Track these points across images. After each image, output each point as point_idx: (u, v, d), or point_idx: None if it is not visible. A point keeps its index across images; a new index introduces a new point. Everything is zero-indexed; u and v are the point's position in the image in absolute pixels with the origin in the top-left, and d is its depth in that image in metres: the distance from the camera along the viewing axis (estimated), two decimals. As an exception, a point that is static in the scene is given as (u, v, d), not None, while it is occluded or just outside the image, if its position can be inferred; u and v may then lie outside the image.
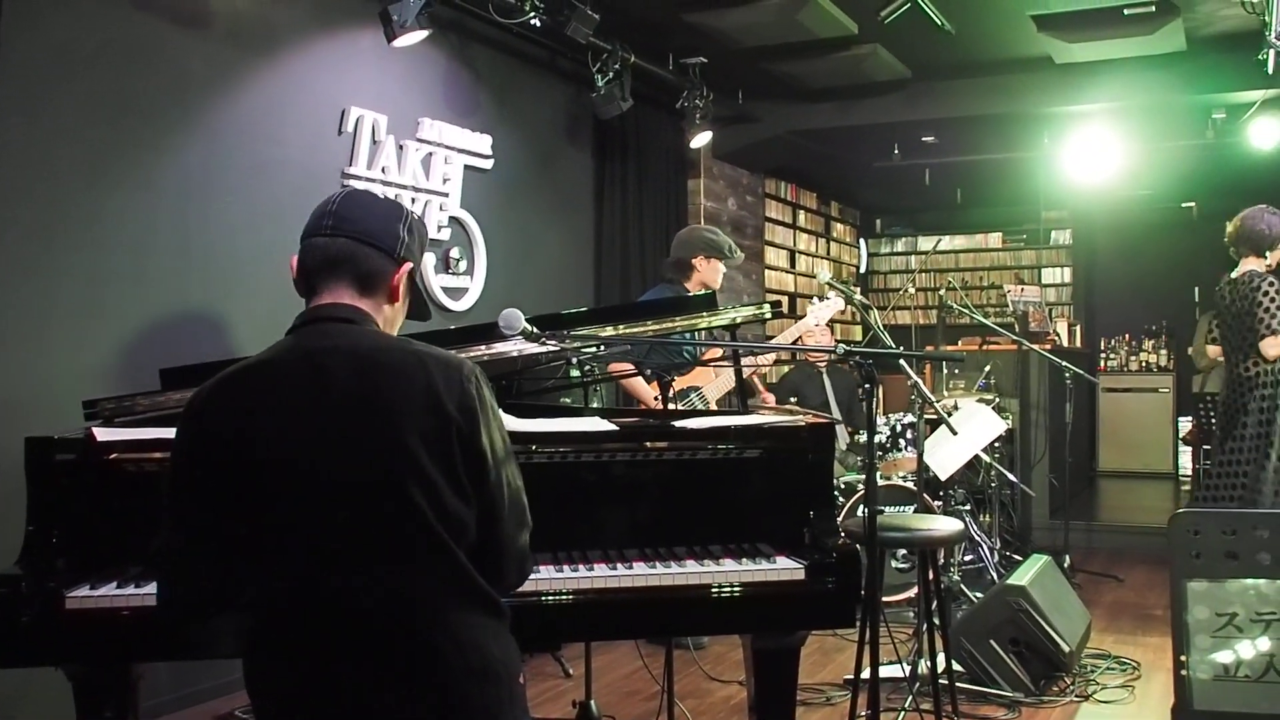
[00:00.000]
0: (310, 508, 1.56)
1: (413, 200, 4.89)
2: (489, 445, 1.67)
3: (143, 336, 3.75)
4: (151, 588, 2.13)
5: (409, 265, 1.76)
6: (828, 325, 5.90)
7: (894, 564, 5.06)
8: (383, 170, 4.69)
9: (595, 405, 3.92)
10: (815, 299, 4.48)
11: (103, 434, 2.28)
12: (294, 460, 1.57)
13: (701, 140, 6.54)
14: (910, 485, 5.03)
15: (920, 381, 3.31)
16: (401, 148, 4.81)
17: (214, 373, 1.67)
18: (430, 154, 4.97)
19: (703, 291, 4.38)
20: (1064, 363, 5.77)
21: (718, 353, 4.33)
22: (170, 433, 1.64)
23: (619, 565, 2.33)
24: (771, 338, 6.84)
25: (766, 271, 8.53)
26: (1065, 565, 5.59)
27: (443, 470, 1.60)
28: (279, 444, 1.57)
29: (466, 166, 5.21)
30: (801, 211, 9.33)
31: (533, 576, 2.21)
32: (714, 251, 4.47)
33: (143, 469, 2.27)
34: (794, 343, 4.62)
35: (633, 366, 3.88)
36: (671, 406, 3.09)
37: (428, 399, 1.61)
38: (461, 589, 1.61)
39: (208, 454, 1.59)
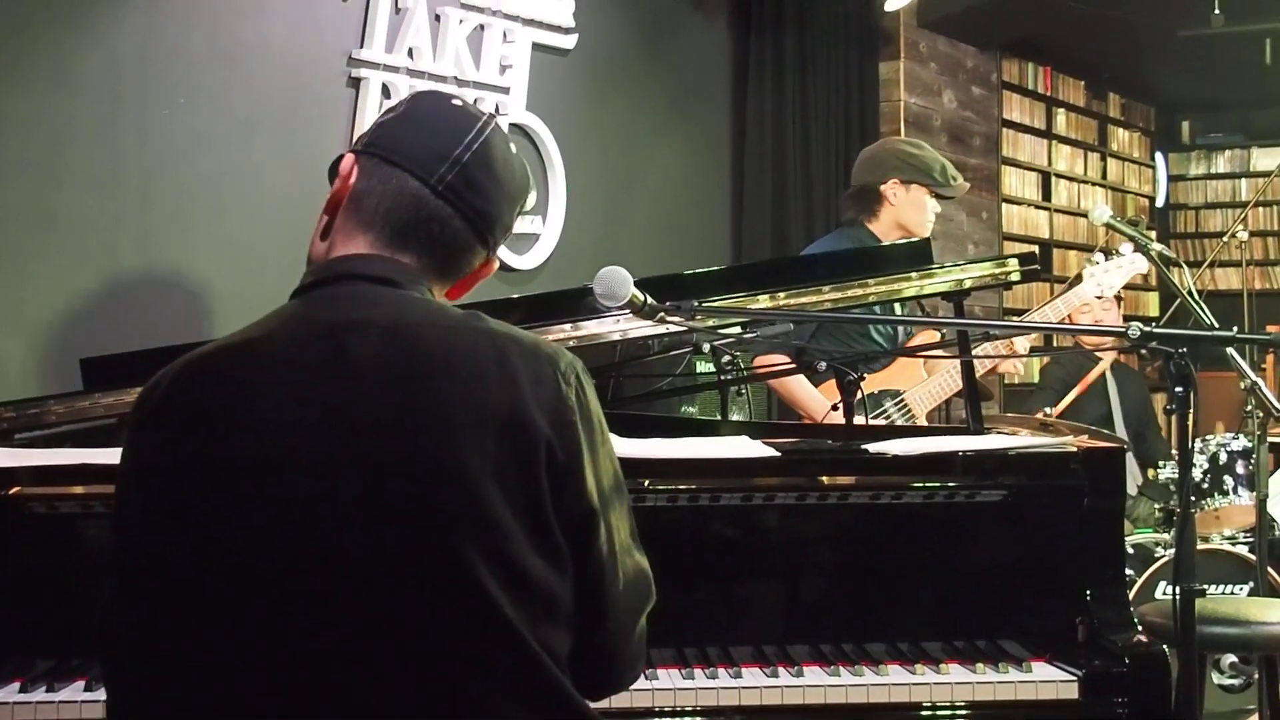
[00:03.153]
0: (315, 577, 1.59)
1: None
2: (596, 485, 1.68)
3: (56, 309, 3.86)
4: (70, 693, 2.19)
5: (496, 263, 1.87)
6: (1112, 295, 5.76)
7: (1218, 678, 4.95)
8: (409, 53, 4.75)
9: (738, 418, 3.91)
10: (1098, 254, 4.36)
11: None
12: (296, 498, 1.59)
13: (901, 0, 6.41)
14: (1244, 552, 4.91)
15: (1260, 382, 3.24)
16: (439, 18, 4.87)
17: (161, 365, 1.69)
18: (482, 27, 5.03)
19: (905, 239, 4.32)
20: None
21: (932, 337, 4.27)
22: (99, 455, 1.69)
23: (781, 670, 2.34)
24: (1022, 314, 6.73)
25: (1006, 207, 8.44)
26: None
27: (527, 524, 1.61)
28: (274, 471, 1.60)
29: (537, 46, 5.25)
30: (1061, 111, 9.21)
31: (646, 687, 2.25)
32: (916, 174, 4.39)
33: (57, 509, 2.33)
34: (1062, 322, 4.51)
35: (790, 359, 3.85)
36: (860, 419, 3.07)
37: (508, 407, 1.62)
38: (543, 708, 1.63)
39: (167, 481, 1.62)
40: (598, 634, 1.70)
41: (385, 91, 4.64)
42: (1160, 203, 10.77)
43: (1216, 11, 7.64)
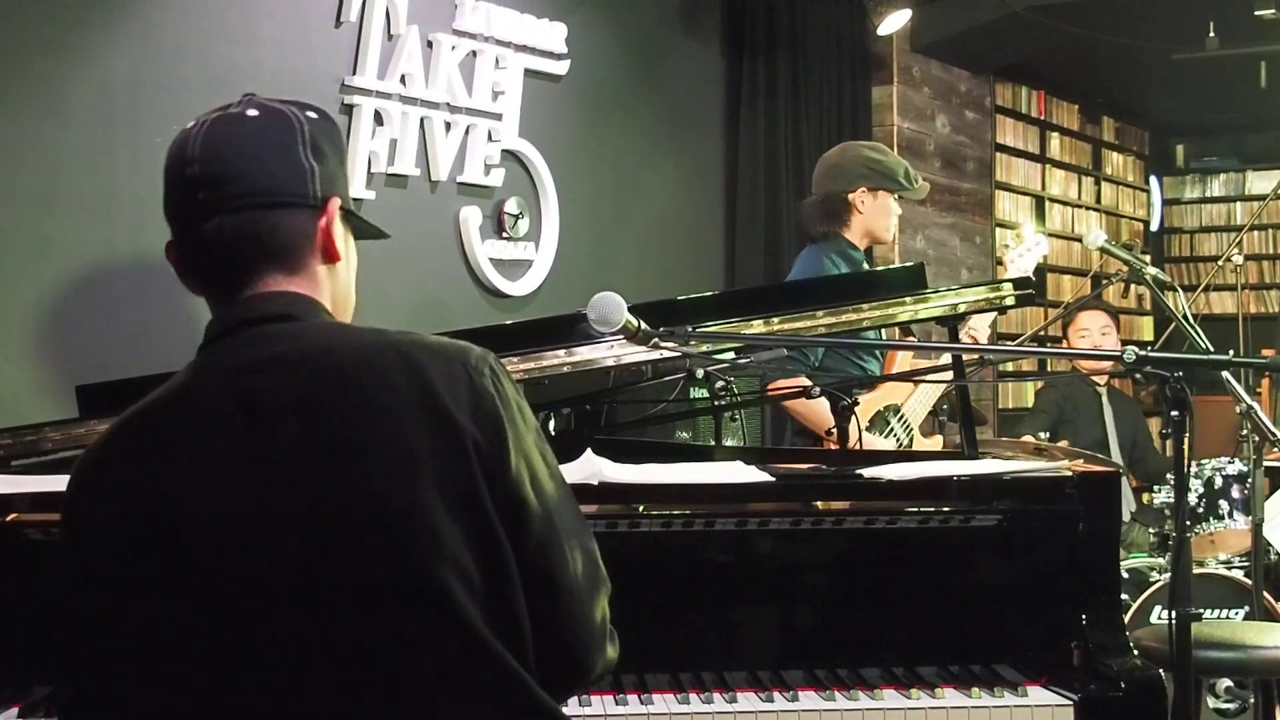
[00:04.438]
0: (273, 615, 1.58)
1: (448, 126, 4.97)
2: (526, 466, 1.68)
3: (51, 336, 3.88)
4: (68, 718, 2.22)
5: (336, 200, 1.77)
6: (1111, 319, 5.77)
7: (1214, 702, 4.95)
8: (402, 80, 4.78)
9: (732, 443, 3.92)
10: (1010, 239, 4.39)
11: (-4, 484, 2.36)
12: (229, 550, 1.59)
13: (894, 24, 6.42)
14: (1240, 576, 4.92)
15: (1256, 406, 3.24)
16: (431, 45, 4.90)
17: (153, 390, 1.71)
18: (475, 53, 5.05)
19: (863, 246, 4.34)
20: None
21: (901, 362, 4.28)
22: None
23: (776, 695, 2.33)
24: (1016, 339, 6.75)
25: (999, 231, 8.44)
26: None
27: (469, 524, 1.61)
28: (204, 526, 1.59)
29: (529, 72, 5.27)
30: (1055, 135, 9.22)
31: (642, 711, 2.25)
32: (883, 181, 4.36)
33: (53, 536, 2.30)
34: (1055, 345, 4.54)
35: (797, 382, 3.84)
36: (855, 439, 3.09)
37: (429, 413, 1.62)
38: (511, 710, 1.62)
39: (98, 551, 1.62)
40: (550, 618, 1.68)
41: (378, 118, 4.67)
42: (1155, 227, 10.78)
43: (1211, 35, 7.67)
